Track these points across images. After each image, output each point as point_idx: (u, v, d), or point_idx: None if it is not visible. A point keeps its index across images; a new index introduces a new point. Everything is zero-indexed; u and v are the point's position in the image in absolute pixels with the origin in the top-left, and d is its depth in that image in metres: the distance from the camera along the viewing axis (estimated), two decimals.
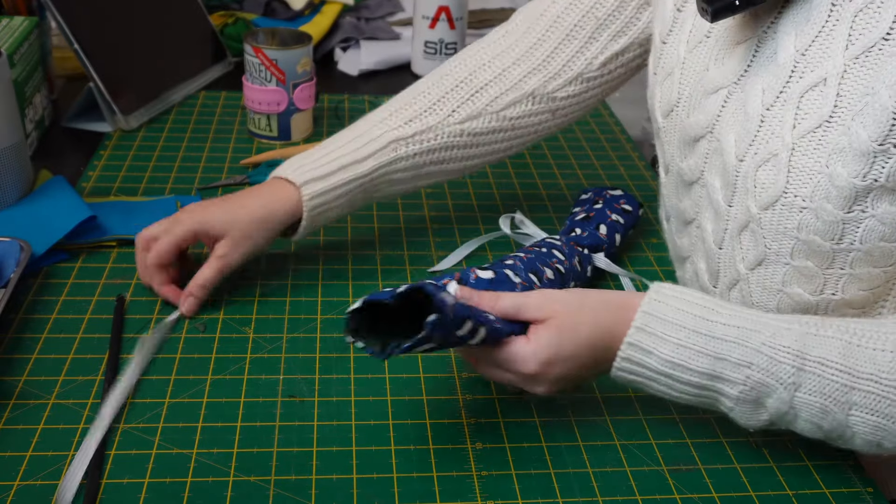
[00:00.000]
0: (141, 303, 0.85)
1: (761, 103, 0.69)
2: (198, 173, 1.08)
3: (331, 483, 0.67)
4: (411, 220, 1.02)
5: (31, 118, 1.08)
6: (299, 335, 0.82)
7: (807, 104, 0.66)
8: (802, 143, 0.66)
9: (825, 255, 0.68)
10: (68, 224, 0.90)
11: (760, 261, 0.72)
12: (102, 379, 0.75)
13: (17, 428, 0.70)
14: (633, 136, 1.32)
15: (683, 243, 0.84)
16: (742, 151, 0.70)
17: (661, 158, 0.85)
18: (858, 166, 0.62)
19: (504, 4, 1.65)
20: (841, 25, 0.64)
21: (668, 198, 0.85)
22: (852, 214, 0.64)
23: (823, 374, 0.63)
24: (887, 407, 0.63)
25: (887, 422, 0.63)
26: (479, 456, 0.71)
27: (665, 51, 0.81)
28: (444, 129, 0.88)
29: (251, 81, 1.15)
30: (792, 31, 0.67)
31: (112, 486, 0.65)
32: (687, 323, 0.65)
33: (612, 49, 0.88)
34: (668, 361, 0.65)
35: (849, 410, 0.63)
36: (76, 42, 1.11)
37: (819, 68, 0.65)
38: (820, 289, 0.70)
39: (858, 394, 0.63)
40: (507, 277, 0.79)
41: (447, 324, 0.61)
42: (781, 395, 0.64)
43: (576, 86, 0.90)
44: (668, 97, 0.80)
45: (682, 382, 0.66)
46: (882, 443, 0.65)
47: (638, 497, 0.68)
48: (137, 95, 1.18)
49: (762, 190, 0.69)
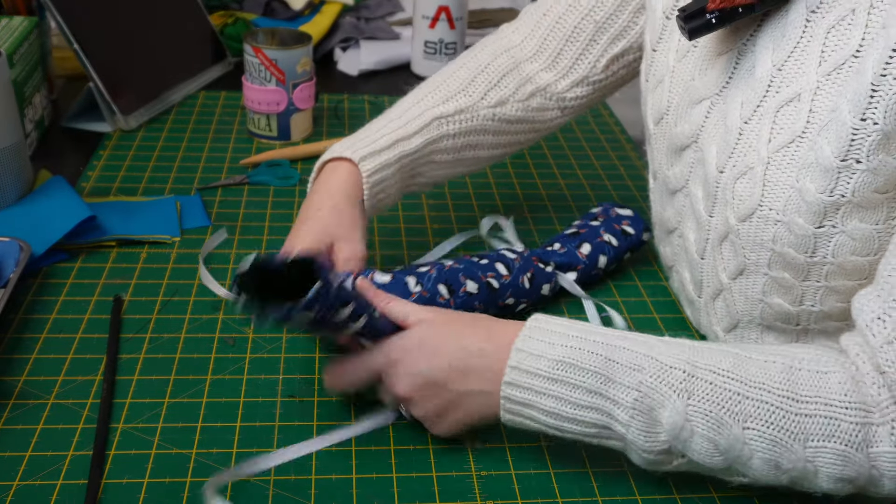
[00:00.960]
0: (139, 303, 0.85)
1: (739, 116, 0.69)
2: (197, 173, 1.08)
3: (330, 483, 0.67)
4: (411, 219, 1.02)
5: (30, 118, 1.08)
6: (299, 335, 0.82)
7: (782, 119, 0.66)
8: (776, 157, 0.66)
9: (800, 268, 0.68)
10: (68, 224, 0.90)
11: (741, 271, 0.72)
12: (101, 379, 0.75)
13: (17, 428, 0.70)
14: (633, 136, 1.32)
15: (667, 252, 0.85)
16: (722, 163, 0.71)
17: (651, 165, 0.85)
18: (824, 182, 0.63)
19: (504, 4, 1.65)
20: (814, 42, 0.64)
21: (654, 204, 0.86)
22: (823, 229, 0.64)
23: (715, 382, 0.61)
24: (781, 419, 0.60)
25: (783, 435, 0.60)
26: (479, 456, 0.71)
27: (655, 58, 0.81)
28: (478, 111, 0.87)
29: (251, 81, 1.14)
30: (769, 46, 0.68)
31: (112, 486, 0.65)
32: (573, 332, 0.64)
33: (611, 52, 0.88)
34: (558, 362, 0.63)
35: (744, 423, 0.60)
36: (76, 42, 1.11)
37: (794, 84, 0.65)
38: (799, 300, 0.70)
39: (751, 403, 0.60)
40: (404, 284, 0.78)
41: (330, 299, 0.63)
42: (675, 404, 0.61)
43: (583, 88, 0.91)
44: (658, 105, 0.80)
45: (573, 388, 0.62)
46: (780, 462, 0.61)
47: (638, 497, 0.68)
48: (137, 95, 1.18)
49: (740, 202, 0.69)
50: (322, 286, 0.61)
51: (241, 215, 1.00)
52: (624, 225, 0.92)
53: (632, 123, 1.38)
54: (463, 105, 0.87)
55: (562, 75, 0.90)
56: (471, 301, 0.79)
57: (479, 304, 0.80)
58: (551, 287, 0.87)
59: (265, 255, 0.64)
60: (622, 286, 0.92)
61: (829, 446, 0.60)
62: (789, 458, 0.60)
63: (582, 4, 0.87)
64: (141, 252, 0.92)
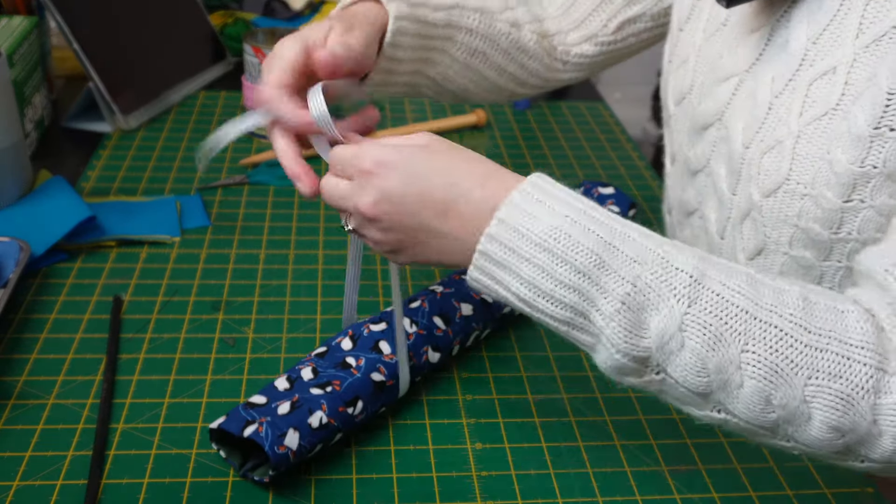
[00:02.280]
0: (139, 303, 0.84)
1: (770, 91, 0.69)
2: (197, 173, 1.08)
3: (330, 483, 0.67)
4: None
5: (30, 118, 1.08)
6: (299, 335, 0.82)
7: (815, 92, 0.65)
8: (808, 130, 0.66)
9: (823, 246, 0.67)
10: (67, 224, 0.90)
11: (760, 250, 0.72)
12: (101, 379, 0.75)
13: (17, 428, 0.70)
14: (633, 136, 1.32)
15: (685, 235, 0.84)
16: (749, 139, 0.70)
17: (669, 148, 0.85)
18: (856, 152, 0.62)
19: None
20: (852, 14, 0.64)
21: (671, 189, 0.86)
22: (851, 204, 0.64)
23: (722, 294, 0.54)
24: (788, 347, 0.54)
25: (785, 365, 0.54)
26: (479, 456, 0.71)
27: (682, 38, 0.81)
28: (495, 21, 0.85)
29: (251, 81, 1.14)
30: (804, 20, 0.67)
31: (112, 486, 0.65)
32: (578, 203, 0.57)
33: (625, 14, 0.89)
34: (554, 228, 0.55)
35: (745, 344, 0.54)
36: (76, 42, 1.11)
37: (829, 57, 0.65)
38: (817, 281, 0.70)
39: (758, 325, 0.54)
40: (403, 328, 0.75)
41: (291, 460, 0.65)
42: (672, 309, 0.54)
43: (590, 46, 0.91)
44: (681, 84, 0.80)
45: (561, 262, 0.55)
46: (772, 396, 0.54)
47: (638, 497, 0.68)
48: (137, 95, 1.18)
49: (765, 177, 0.69)
50: (275, 473, 0.65)
51: (241, 215, 1.00)
52: (609, 205, 0.93)
53: (632, 123, 1.38)
54: (482, 6, 0.84)
55: (573, 27, 0.90)
56: (468, 323, 0.78)
57: (477, 324, 0.79)
58: None
59: (224, 423, 0.66)
60: None
61: (834, 387, 0.54)
62: (785, 392, 0.54)
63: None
64: (141, 252, 0.92)
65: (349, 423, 0.69)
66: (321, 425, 0.67)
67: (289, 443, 0.65)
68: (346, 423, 0.68)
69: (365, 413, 0.70)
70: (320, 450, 0.68)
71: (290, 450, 0.65)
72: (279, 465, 0.64)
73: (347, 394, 0.69)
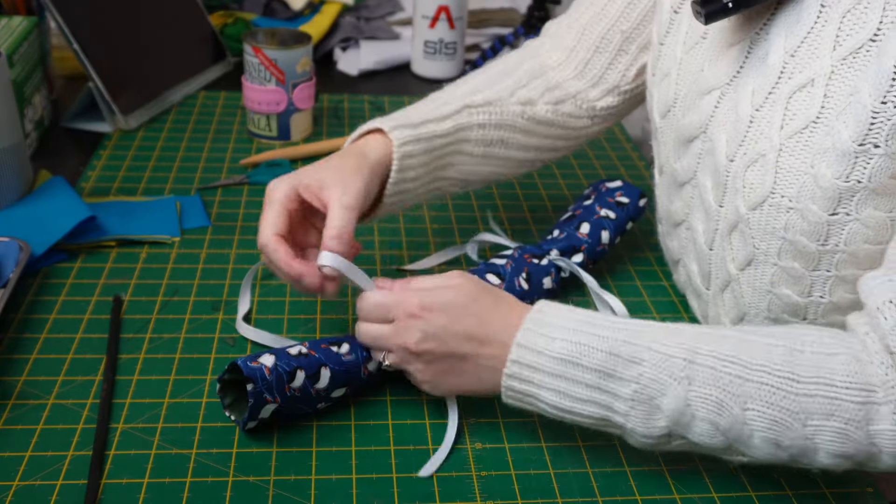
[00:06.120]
0: (139, 303, 0.85)
1: (751, 104, 0.69)
2: (197, 173, 1.08)
3: (330, 483, 0.67)
4: (411, 220, 1.02)
5: (30, 118, 1.08)
6: (299, 335, 0.82)
7: (794, 105, 0.66)
8: (789, 143, 0.66)
9: (811, 257, 0.68)
10: (67, 224, 0.90)
11: (749, 261, 0.72)
12: (101, 379, 0.75)
13: (17, 428, 0.70)
14: (633, 136, 1.32)
15: (673, 245, 0.85)
16: (732, 151, 0.71)
17: (657, 160, 0.85)
18: (841, 167, 0.63)
19: (504, 4, 1.64)
20: (829, 27, 0.64)
21: (660, 199, 0.86)
22: (836, 217, 0.65)
23: (715, 367, 0.62)
24: (782, 399, 0.61)
25: (784, 415, 0.61)
26: (479, 456, 0.71)
27: (662, 52, 0.81)
28: (507, 106, 0.86)
29: (251, 81, 1.14)
30: (782, 33, 0.68)
31: (112, 486, 0.65)
32: (574, 325, 0.65)
33: (641, 61, 0.88)
34: (559, 359, 0.64)
35: (745, 404, 0.61)
36: (76, 42, 1.11)
37: (807, 69, 0.65)
38: (807, 290, 0.70)
39: (752, 385, 0.61)
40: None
41: (271, 384, 0.67)
42: (676, 391, 0.62)
43: (613, 97, 0.90)
44: (664, 97, 0.80)
45: (573, 384, 0.64)
46: (780, 441, 0.62)
47: (638, 497, 0.68)
48: (137, 95, 1.18)
49: (750, 190, 0.69)
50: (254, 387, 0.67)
51: (241, 215, 1.00)
52: (618, 196, 0.92)
53: (632, 123, 1.38)
54: (491, 97, 0.86)
55: (592, 84, 0.90)
56: None
57: None
58: (553, 278, 0.86)
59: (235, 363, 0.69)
60: (622, 286, 0.92)
61: (829, 425, 0.60)
62: (789, 436, 0.61)
63: (608, 14, 0.87)
64: (141, 252, 0.92)
65: (335, 361, 0.71)
66: (300, 353, 0.70)
67: (263, 360, 0.68)
68: (330, 359, 0.70)
69: (354, 355, 0.71)
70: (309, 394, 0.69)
71: (263, 366, 0.67)
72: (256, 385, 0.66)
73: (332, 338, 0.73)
